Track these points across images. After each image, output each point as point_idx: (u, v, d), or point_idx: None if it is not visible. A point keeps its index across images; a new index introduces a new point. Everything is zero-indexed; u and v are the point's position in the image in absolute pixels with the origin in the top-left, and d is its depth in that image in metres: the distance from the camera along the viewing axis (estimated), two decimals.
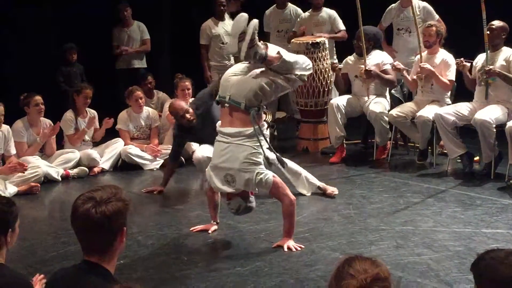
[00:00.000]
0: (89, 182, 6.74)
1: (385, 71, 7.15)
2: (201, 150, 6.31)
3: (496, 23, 6.35)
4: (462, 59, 6.60)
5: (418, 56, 6.94)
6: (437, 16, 7.48)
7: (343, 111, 7.23)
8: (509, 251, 2.30)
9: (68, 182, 6.87)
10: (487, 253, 2.33)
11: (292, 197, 4.66)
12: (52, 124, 6.96)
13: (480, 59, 6.52)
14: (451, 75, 6.80)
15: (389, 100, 7.36)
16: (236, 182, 4.57)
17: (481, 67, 6.41)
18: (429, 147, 7.01)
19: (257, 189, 4.67)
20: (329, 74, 7.73)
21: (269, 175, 4.56)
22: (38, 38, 8.86)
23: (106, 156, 7.26)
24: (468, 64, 6.60)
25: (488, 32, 6.26)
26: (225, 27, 8.58)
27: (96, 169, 7.12)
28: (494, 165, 6.34)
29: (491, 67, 6.23)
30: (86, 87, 7.40)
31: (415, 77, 6.97)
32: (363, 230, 4.99)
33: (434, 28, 6.83)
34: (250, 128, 4.53)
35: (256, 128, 4.51)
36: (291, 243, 4.63)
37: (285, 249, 4.58)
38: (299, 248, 4.60)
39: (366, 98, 7.23)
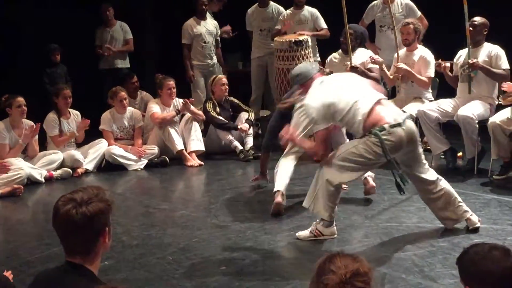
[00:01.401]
0: (73, 183, 6.70)
1: (369, 69, 7.16)
2: None
3: (478, 19, 6.39)
4: (440, 60, 6.64)
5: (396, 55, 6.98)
6: (419, 13, 7.51)
7: None
8: (492, 246, 2.33)
9: (51, 183, 6.83)
10: (471, 247, 2.36)
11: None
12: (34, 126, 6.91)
13: (461, 55, 6.55)
14: (430, 72, 6.83)
15: None
16: None
17: (463, 63, 6.45)
18: None
19: None
20: None
21: None
22: (23, 39, 8.83)
23: (89, 157, 7.21)
24: (448, 64, 6.63)
25: (470, 29, 6.30)
26: (207, 26, 8.57)
27: (79, 170, 7.08)
28: (477, 161, 6.38)
29: (474, 60, 6.27)
30: (63, 88, 7.37)
31: (391, 76, 7.00)
32: (348, 227, 5.00)
33: (411, 26, 6.87)
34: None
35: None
36: None
37: None
38: None
39: None
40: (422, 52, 6.90)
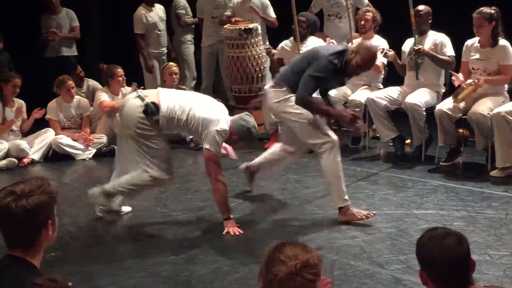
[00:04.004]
0: (19, 174, 6.53)
1: None
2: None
3: (422, 8, 6.47)
4: (383, 48, 6.70)
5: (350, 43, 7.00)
6: (366, 1, 7.57)
7: None
8: (447, 232, 2.31)
9: None
10: (428, 231, 2.35)
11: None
12: None
13: (408, 44, 6.63)
14: (381, 58, 6.89)
15: None
16: None
17: (410, 51, 6.53)
18: None
19: None
20: (263, 60, 7.72)
21: None
22: None
23: (36, 147, 7.05)
24: (391, 52, 6.71)
25: (417, 19, 6.39)
26: (158, 13, 8.43)
27: (25, 160, 6.92)
28: (424, 148, 6.48)
29: (420, 46, 6.36)
30: (15, 76, 7.19)
31: None
32: (298, 215, 5.03)
33: (371, 14, 6.93)
34: None
35: None
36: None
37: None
38: (237, 233, 4.62)
39: None
40: (378, 41, 6.90)
